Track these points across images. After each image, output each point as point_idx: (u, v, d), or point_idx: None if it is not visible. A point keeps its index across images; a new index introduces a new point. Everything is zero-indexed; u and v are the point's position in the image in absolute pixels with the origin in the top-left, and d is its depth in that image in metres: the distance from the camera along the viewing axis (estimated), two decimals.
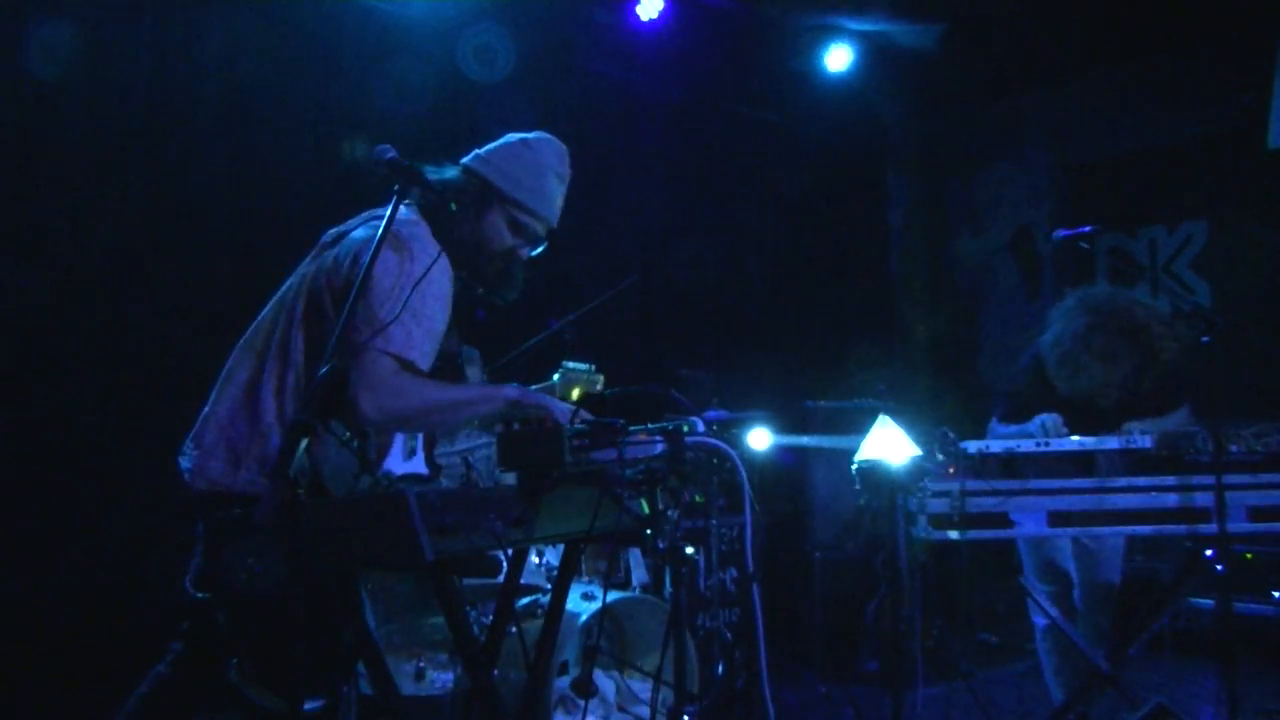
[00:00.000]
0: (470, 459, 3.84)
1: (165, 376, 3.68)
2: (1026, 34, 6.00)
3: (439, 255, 2.25)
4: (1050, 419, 3.32)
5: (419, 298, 2.16)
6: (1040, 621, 3.65)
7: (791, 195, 6.57)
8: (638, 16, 5.29)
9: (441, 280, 2.27)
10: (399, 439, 2.47)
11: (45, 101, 3.69)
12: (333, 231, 2.44)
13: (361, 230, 2.35)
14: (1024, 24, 5.86)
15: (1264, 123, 5.48)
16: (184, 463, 2.24)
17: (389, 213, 2.12)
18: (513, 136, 2.55)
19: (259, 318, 2.38)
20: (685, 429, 2.25)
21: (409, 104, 4.57)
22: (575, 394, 2.79)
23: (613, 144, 5.63)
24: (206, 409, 2.30)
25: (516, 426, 2.19)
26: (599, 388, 2.88)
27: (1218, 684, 3.11)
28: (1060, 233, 3.41)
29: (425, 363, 2.19)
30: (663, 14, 5.30)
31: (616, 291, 3.79)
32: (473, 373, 4.23)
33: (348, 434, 1.99)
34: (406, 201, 2.36)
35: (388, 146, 2.21)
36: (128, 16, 3.88)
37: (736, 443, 3.86)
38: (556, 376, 2.82)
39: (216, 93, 4.15)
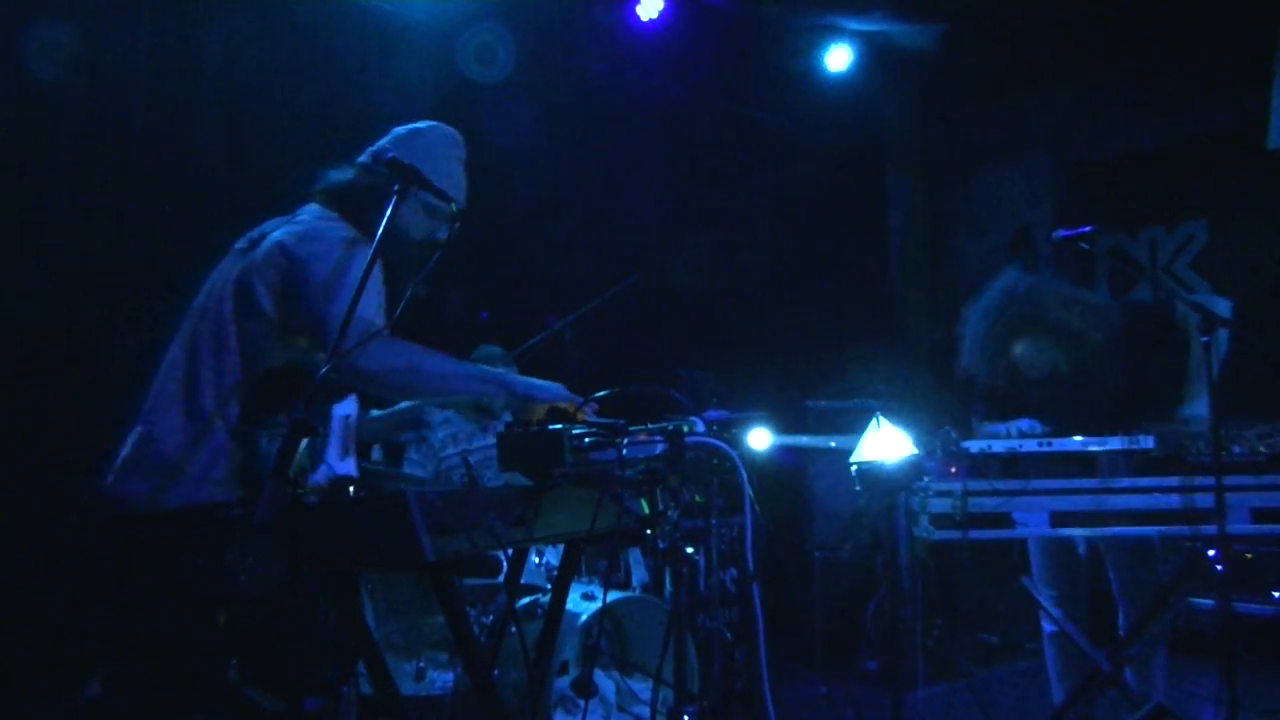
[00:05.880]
0: (470, 459, 3.85)
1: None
2: (1026, 34, 5.99)
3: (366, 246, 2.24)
4: (1027, 425, 3.32)
5: (371, 283, 2.16)
6: (1048, 628, 3.62)
7: (791, 195, 6.57)
8: (638, 16, 5.30)
9: (373, 269, 2.27)
10: (334, 438, 2.45)
11: (45, 101, 3.69)
12: (246, 237, 2.41)
13: (279, 232, 2.33)
14: (1024, 24, 5.86)
15: (1264, 123, 5.48)
16: (120, 488, 2.15)
17: (388, 212, 2.12)
18: (401, 129, 2.54)
19: (177, 334, 2.32)
20: (685, 429, 2.24)
21: (409, 104, 4.57)
22: None
23: (613, 144, 5.63)
24: (138, 429, 2.22)
25: (518, 428, 2.19)
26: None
27: (1218, 684, 3.10)
28: (1060, 233, 3.40)
29: None
30: (663, 14, 5.30)
31: (616, 291, 3.79)
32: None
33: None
34: (317, 203, 2.38)
35: (388, 146, 2.21)
36: (127, 16, 3.88)
37: (736, 443, 3.86)
38: None
39: (216, 93, 4.15)
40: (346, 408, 2.35)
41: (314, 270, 2.19)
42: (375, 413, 2.74)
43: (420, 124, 2.56)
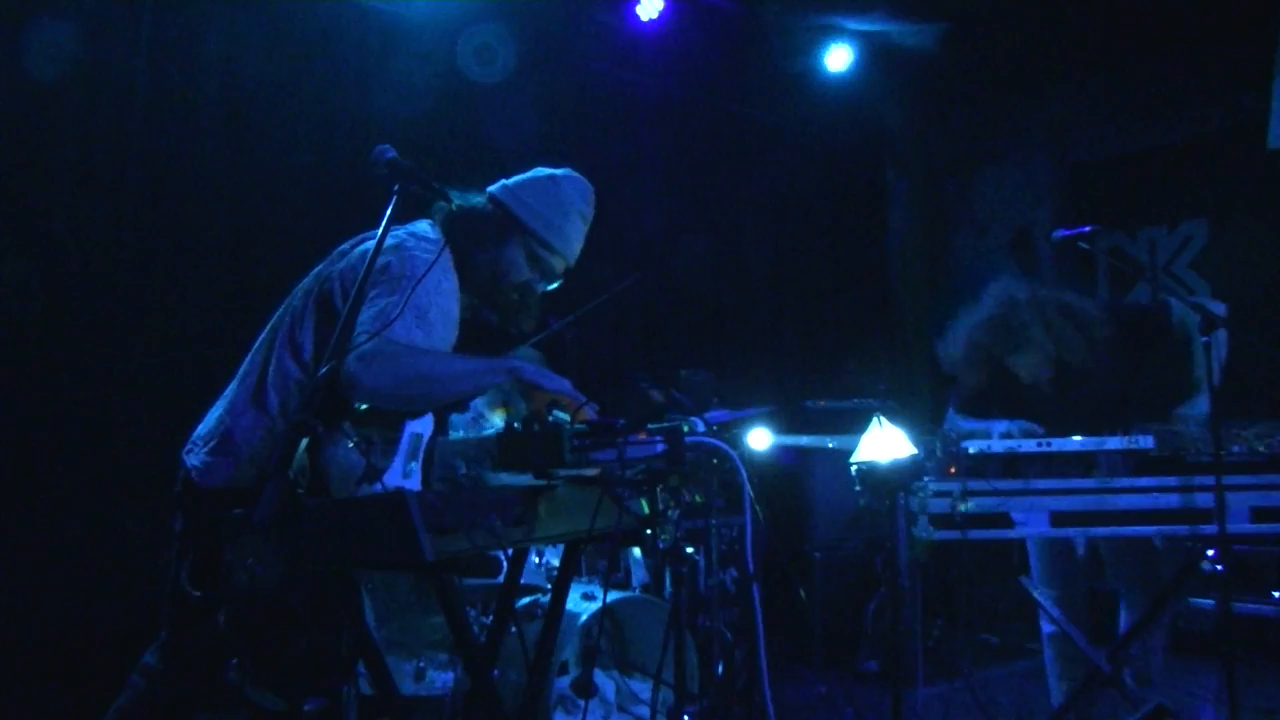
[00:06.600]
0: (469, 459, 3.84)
1: (164, 375, 3.69)
2: (1026, 34, 5.99)
3: (440, 251, 2.28)
4: (1014, 425, 3.31)
5: (424, 296, 2.17)
6: (1047, 628, 3.62)
7: (791, 195, 6.57)
8: (638, 16, 5.29)
9: (447, 289, 2.29)
10: (401, 453, 2.47)
11: (45, 101, 3.69)
12: (352, 239, 2.46)
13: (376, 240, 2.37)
14: (1024, 24, 5.86)
15: (1264, 123, 5.48)
16: (191, 460, 2.25)
17: (389, 212, 2.12)
18: (541, 171, 2.58)
19: (270, 321, 2.39)
20: (685, 429, 2.24)
21: (409, 105, 4.57)
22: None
23: (613, 144, 5.63)
24: (218, 408, 2.31)
25: (518, 425, 2.19)
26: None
27: (1218, 684, 3.10)
28: (1060, 233, 3.39)
29: None
30: (663, 14, 5.30)
31: (617, 291, 3.79)
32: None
33: (358, 438, 1.99)
34: (431, 221, 2.40)
35: (387, 147, 2.21)
36: (127, 16, 3.88)
37: (736, 443, 3.85)
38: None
39: (216, 93, 4.15)
40: (420, 426, 2.34)
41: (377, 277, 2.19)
42: (456, 434, 2.71)
43: (559, 170, 2.57)
